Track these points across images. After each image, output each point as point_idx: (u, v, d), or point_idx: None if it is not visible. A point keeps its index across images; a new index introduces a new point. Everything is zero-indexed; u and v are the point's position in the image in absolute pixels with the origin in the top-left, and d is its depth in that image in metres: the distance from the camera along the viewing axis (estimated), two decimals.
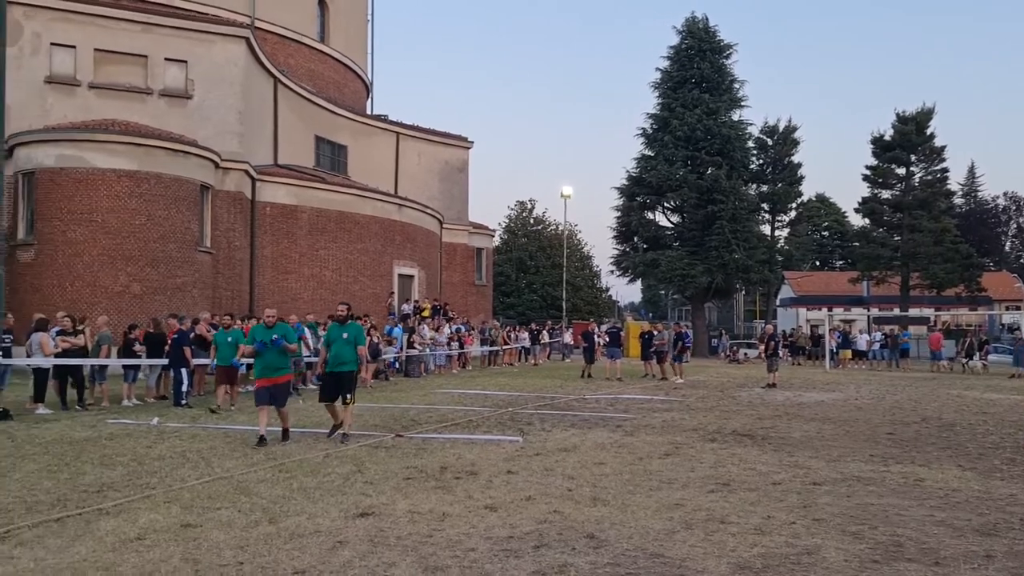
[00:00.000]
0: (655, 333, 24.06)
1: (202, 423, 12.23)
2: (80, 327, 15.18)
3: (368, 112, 40.35)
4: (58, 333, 14.51)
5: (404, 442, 10.38)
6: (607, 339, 24.25)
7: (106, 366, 15.37)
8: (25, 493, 7.15)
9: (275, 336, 10.21)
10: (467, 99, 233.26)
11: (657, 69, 46.46)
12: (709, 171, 43.43)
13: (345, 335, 10.54)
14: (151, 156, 23.40)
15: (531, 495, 7.21)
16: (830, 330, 34.54)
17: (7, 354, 13.59)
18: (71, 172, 22.62)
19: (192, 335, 15.85)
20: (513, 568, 5.11)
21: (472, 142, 41.28)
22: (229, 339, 14.72)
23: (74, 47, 24.73)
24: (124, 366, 15.65)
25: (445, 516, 6.42)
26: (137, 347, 15.80)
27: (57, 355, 14.06)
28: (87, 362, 14.90)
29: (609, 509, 6.72)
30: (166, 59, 25.64)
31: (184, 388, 14.90)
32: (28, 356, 14.29)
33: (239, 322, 17.19)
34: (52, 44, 24.49)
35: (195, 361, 15.59)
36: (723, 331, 52.40)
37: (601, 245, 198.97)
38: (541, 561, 5.26)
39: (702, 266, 43.34)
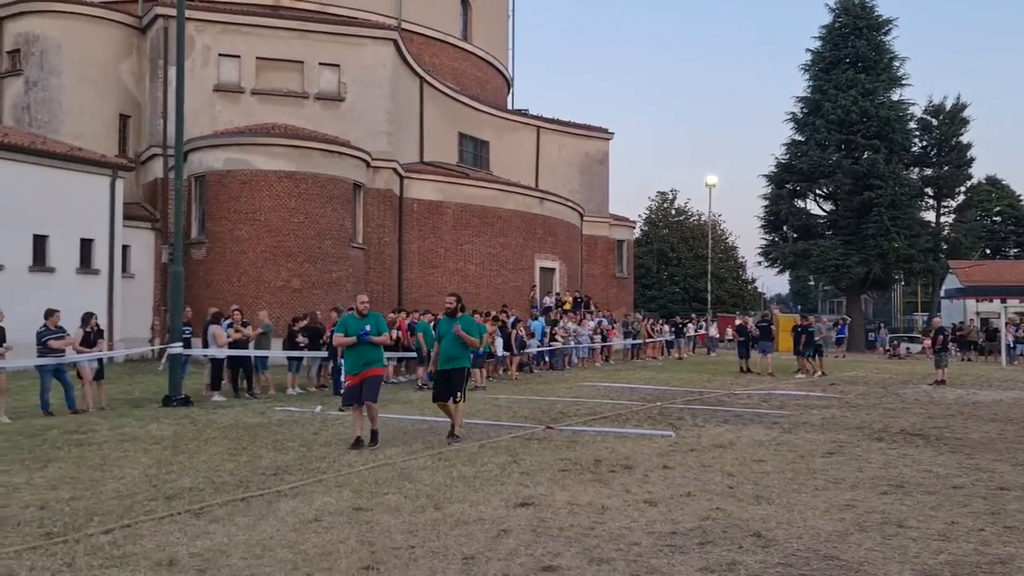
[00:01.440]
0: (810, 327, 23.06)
1: None
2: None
3: (509, 107, 40.81)
4: (229, 325, 15.55)
5: (555, 434, 10.43)
6: (757, 333, 23.47)
7: (266, 357, 16.33)
8: (212, 474, 7.71)
9: (367, 327, 9.41)
10: (607, 90, 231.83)
11: (808, 50, 44.40)
12: (865, 155, 41.10)
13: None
14: (308, 157, 24.69)
15: (690, 491, 7.06)
16: (1006, 323, 31.85)
17: (187, 345, 14.72)
18: (237, 174, 24.24)
19: None
20: (680, 564, 5.01)
21: (612, 133, 40.93)
22: None
23: (238, 56, 26.44)
24: (288, 357, 16.59)
25: (604, 509, 6.38)
26: (300, 338, 16.68)
27: (229, 346, 15.09)
28: (254, 353, 15.88)
29: (774, 508, 6.48)
30: (320, 63, 26.96)
31: (343, 378, 15.59)
32: (205, 347, 15.43)
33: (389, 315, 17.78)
34: (220, 55, 26.29)
35: None
36: (881, 324, 49.49)
37: (747, 235, 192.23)
38: (708, 558, 5.14)
39: (858, 256, 41.09)
